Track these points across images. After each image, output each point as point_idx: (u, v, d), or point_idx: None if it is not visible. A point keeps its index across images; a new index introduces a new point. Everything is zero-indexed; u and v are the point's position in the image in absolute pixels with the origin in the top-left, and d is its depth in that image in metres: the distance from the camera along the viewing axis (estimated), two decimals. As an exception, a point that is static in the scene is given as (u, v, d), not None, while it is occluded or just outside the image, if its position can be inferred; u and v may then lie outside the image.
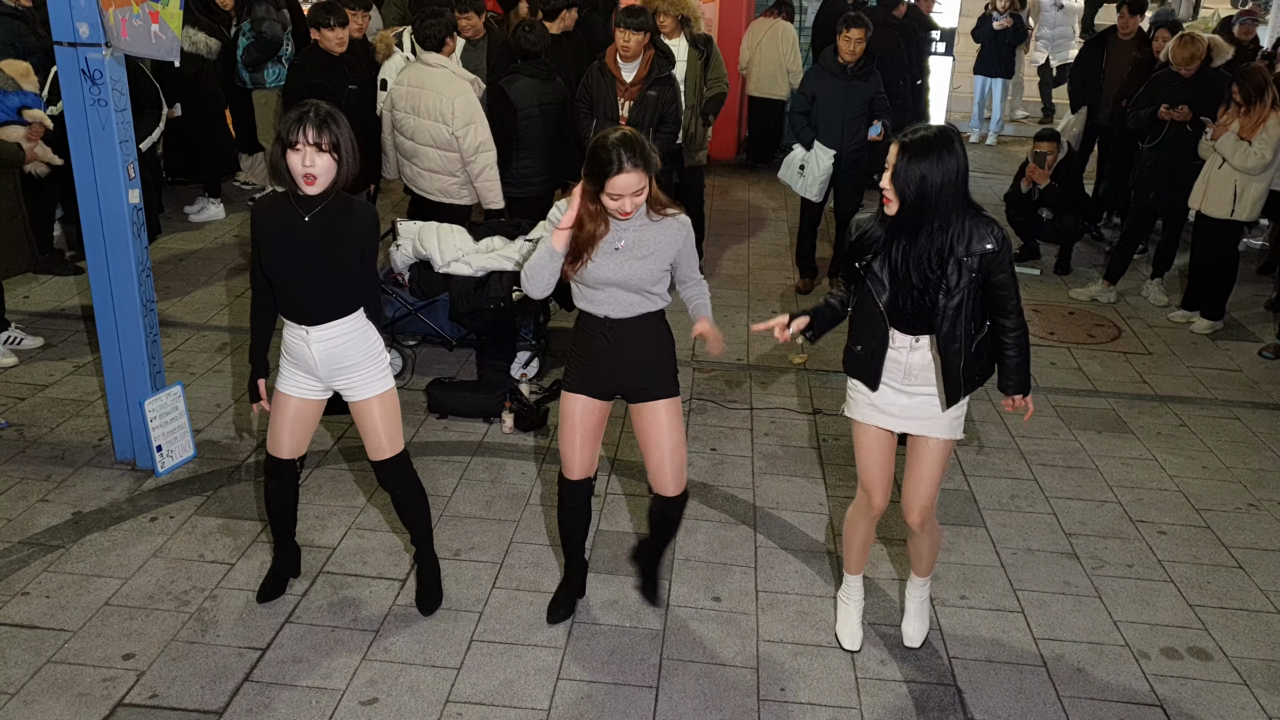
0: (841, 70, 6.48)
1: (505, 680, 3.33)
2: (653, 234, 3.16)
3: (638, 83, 5.86)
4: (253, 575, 3.80)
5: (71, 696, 3.19)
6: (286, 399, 3.40)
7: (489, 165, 5.56)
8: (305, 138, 3.01)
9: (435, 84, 5.45)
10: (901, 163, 2.89)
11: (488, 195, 5.65)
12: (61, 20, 3.89)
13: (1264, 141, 5.94)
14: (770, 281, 7.17)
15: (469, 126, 5.43)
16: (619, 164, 2.97)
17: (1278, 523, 4.43)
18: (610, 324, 3.23)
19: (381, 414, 3.39)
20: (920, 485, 3.29)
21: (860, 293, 3.16)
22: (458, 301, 5.24)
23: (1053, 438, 5.09)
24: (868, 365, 3.18)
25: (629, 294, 3.19)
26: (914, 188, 2.88)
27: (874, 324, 3.12)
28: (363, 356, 3.33)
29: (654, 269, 3.17)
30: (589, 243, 3.12)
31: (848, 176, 6.68)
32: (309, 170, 3.05)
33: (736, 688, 3.34)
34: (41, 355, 5.55)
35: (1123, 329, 6.58)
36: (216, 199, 8.09)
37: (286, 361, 3.38)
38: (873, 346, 3.15)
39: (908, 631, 3.58)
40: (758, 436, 5.00)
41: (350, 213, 3.21)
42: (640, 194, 3.04)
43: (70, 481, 4.36)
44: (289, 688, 3.26)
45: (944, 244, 2.95)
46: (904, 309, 3.07)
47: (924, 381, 3.16)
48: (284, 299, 3.28)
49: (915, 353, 3.14)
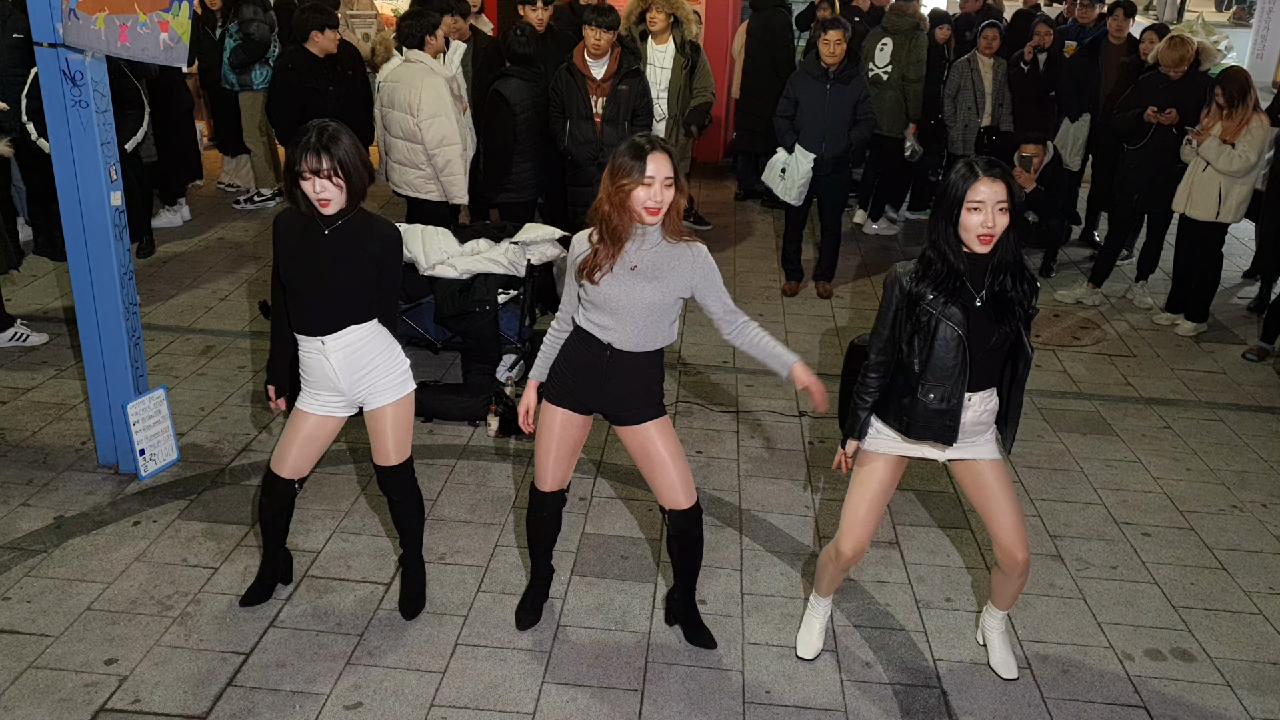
0: (823, 74, 6.49)
1: (490, 684, 3.32)
2: (668, 258, 3.09)
3: (608, 79, 5.92)
4: (236, 579, 3.78)
5: (53, 702, 3.16)
6: (305, 416, 3.38)
7: (452, 160, 5.59)
8: (310, 167, 3.04)
9: (409, 77, 5.54)
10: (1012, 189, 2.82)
11: (451, 189, 5.70)
12: (41, 21, 3.86)
13: (1248, 144, 5.97)
14: (756, 285, 7.18)
15: (433, 119, 5.47)
16: (649, 144, 2.98)
17: (1261, 524, 4.46)
18: (612, 353, 3.16)
19: (394, 420, 3.37)
20: (1013, 518, 3.13)
21: (923, 340, 2.95)
22: (443, 304, 5.23)
23: (1037, 440, 5.11)
24: (945, 414, 2.97)
25: (634, 325, 3.10)
26: (1019, 196, 2.81)
27: (948, 366, 2.93)
28: (383, 359, 3.31)
29: (666, 294, 3.09)
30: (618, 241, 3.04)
31: (830, 180, 6.69)
32: (321, 196, 3.08)
33: (722, 690, 3.34)
34: (24, 358, 5.51)
35: (1107, 331, 6.62)
36: (172, 206, 7.90)
37: (306, 383, 3.37)
38: (948, 391, 2.96)
39: (1001, 662, 3.45)
40: (744, 439, 5.00)
41: (370, 229, 3.21)
42: (669, 186, 2.98)
43: (52, 486, 4.33)
44: (273, 692, 3.24)
45: (1019, 271, 2.91)
46: (982, 351, 2.94)
47: (974, 436, 3.07)
48: (299, 310, 3.28)
49: (968, 412, 3.02)
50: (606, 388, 3.20)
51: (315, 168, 3.03)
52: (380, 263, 3.22)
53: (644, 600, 3.76)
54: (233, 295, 6.58)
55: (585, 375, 3.21)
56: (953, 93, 7.95)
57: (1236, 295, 7.33)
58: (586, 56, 5.90)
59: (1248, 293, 7.35)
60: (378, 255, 3.21)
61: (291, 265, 3.24)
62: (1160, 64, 6.56)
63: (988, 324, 2.93)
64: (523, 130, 5.84)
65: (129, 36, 3.93)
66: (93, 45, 3.86)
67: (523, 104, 5.80)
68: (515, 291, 5.37)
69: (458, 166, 5.63)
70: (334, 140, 3.06)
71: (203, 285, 6.73)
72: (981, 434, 3.10)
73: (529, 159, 5.94)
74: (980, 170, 2.82)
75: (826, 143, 6.56)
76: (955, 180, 2.86)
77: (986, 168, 2.83)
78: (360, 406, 3.40)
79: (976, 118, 7.88)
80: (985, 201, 2.81)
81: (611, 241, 3.04)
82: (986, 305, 2.92)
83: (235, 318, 6.23)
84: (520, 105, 5.79)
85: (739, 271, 7.39)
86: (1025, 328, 2.98)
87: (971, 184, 2.82)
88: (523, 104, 5.80)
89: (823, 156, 6.57)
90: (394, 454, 3.42)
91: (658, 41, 6.97)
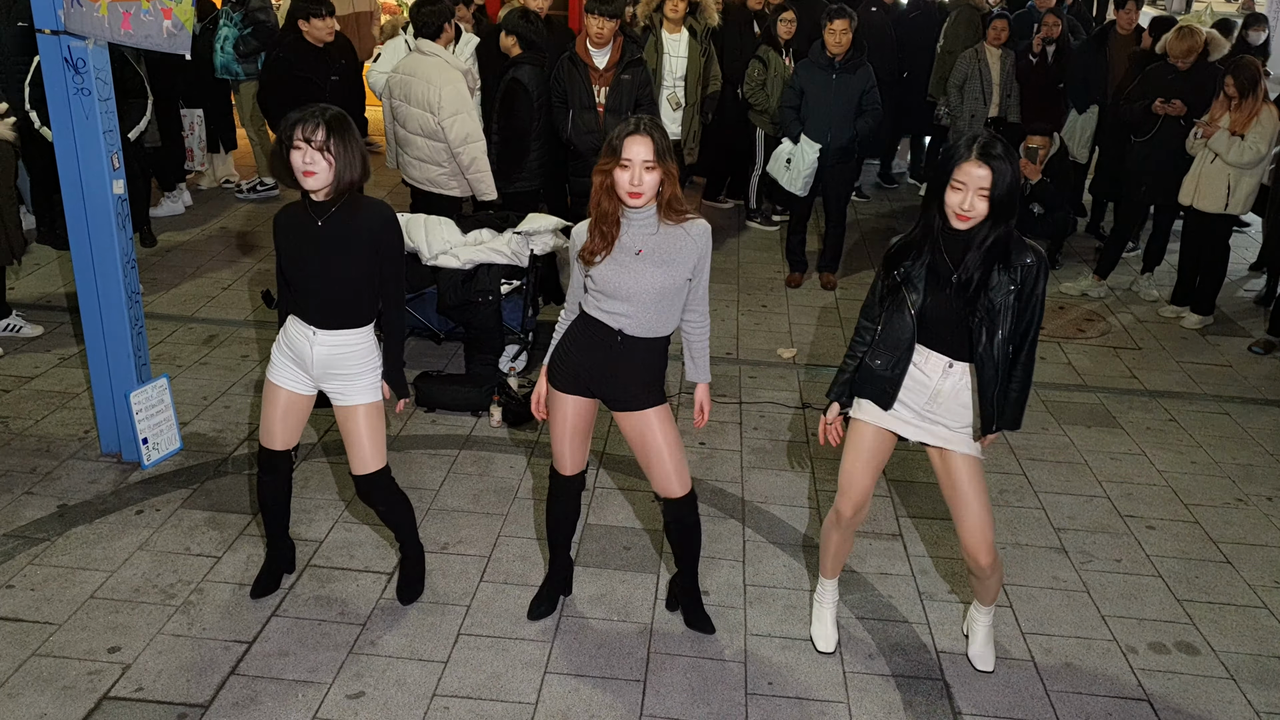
0: (829, 64, 6.46)
1: (492, 674, 3.32)
2: (673, 239, 3.09)
3: (611, 68, 5.86)
4: (239, 568, 3.78)
5: (57, 690, 3.17)
6: (277, 390, 3.39)
7: (478, 156, 5.52)
8: (304, 135, 3.03)
9: (426, 72, 5.42)
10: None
11: (480, 187, 5.63)
12: (43, 7, 3.84)
13: (1258, 135, 5.94)
14: (760, 276, 7.16)
15: (455, 117, 5.40)
16: (634, 126, 2.99)
17: (1265, 517, 4.44)
18: (622, 339, 3.15)
19: (368, 424, 3.35)
20: (979, 518, 3.12)
21: (891, 306, 3.05)
22: (445, 294, 5.22)
23: (1042, 432, 5.09)
24: (886, 380, 3.07)
25: (646, 311, 3.11)
26: (1005, 186, 2.80)
27: (900, 336, 3.01)
28: (362, 369, 3.31)
29: (676, 277, 3.10)
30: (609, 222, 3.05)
31: (835, 170, 6.67)
32: (308, 167, 3.05)
33: (724, 681, 3.33)
34: (27, 347, 5.51)
35: (1113, 324, 6.59)
36: (171, 192, 7.88)
37: (280, 351, 3.36)
38: (894, 360, 3.04)
39: (979, 654, 3.45)
40: (747, 431, 4.99)
41: (363, 211, 3.19)
42: (650, 170, 2.98)
43: (55, 474, 4.34)
44: (275, 681, 3.24)
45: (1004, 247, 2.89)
46: (938, 320, 2.97)
47: (948, 412, 3.06)
48: (297, 301, 3.29)
49: (948, 379, 3.04)
50: (613, 373, 3.20)
51: (308, 136, 3.02)
52: (378, 246, 3.20)
53: (646, 591, 3.76)
54: (235, 284, 6.57)
55: (592, 361, 3.21)
56: (959, 83, 7.92)
57: (1243, 288, 7.30)
58: (589, 45, 5.86)
59: (1254, 286, 7.32)
60: (373, 238, 3.19)
61: (290, 261, 3.24)
62: (1168, 55, 6.52)
63: (953, 299, 2.94)
64: (539, 117, 5.81)
65: (132, 23, 3.91)
66: (95, 32, 3.84)
67: (539, 90, 5.78)
68: (518, 282, 5.36)
69: (484, 164, 5.56)
70: (338, 120, 3.06)
71: (205, 274, 6.72)
72: (960, 416, 3.07)
73: (540, 147, 5.92)
74: (974, 151, 2.82)
75: (832, 133, 6.53)
76: (950, 154, 2.88)
77: (981, 150, 2.82)
78: (324, 394, 3.39)
79: (984, 108, 7.85)
80: (967, 184, 2.82)
81: (601, 222, 3.06)
82: (961, 282, 2.93)
83: (238, 307, 6.22)
84: (537, 92, 5.76)
85: (743, 263, 7.37)
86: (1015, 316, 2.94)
87: (960, 163, 2.83)
88: (539, 90, 5.78)
89: (828, 147, 6.55)
90: (371, 457, 3.37)
91: (671, 30, 6.91)
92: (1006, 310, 2.91)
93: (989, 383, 2.98)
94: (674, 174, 3.04)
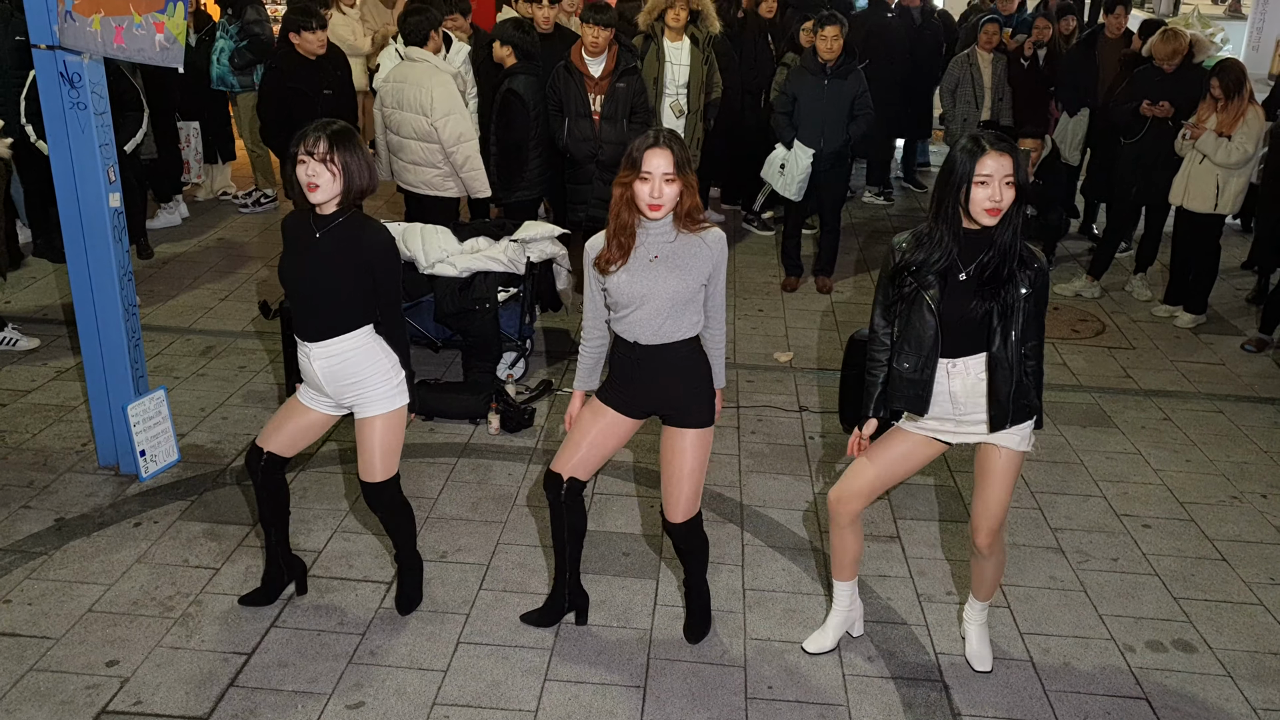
0: (821, 69, 6.49)
1: (492, 682, 3.33)
2: (689, 247, 3.12)
3: (606, 76, 5.90)
4: (238, 580, 3.78)
5: (55, 704, 3.16)
6: (303, 405, 3.42)
7: (471, 155, 5.59)
8: (308, 148, 3.08)
9: (416, 77, 5.49)
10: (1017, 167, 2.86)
11: (474, 185, 5.70)
12: (38, 23, 3.86)
13: (1245, 135, 5.97)
14: (756, 280, 7.17)
15: (448, 117, 5.46)
16: (654, 138, 3.02)
17: (1261, 515, 4.46)
18: (639, 350, 3.17)
19: (382, 433, 3.34)
20: (989, 505, 3.18)
21: (908, 307, 3.05)
22: (443, 303, 5.23)
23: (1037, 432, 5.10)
24: (917, 384, 3.05)
25: (659, 317, 3.12)
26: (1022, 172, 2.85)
27: (923, 334, 3.02)
28: (370, 372, 3.29)
29: (690, 283, 3.12)
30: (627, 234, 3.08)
31: (828, 176, 6.69)
32: (312, 180, 3.09)
33: (724, 686, 3.34)
34: (23, 360, 5.51)
35: (1106, 324, 6.62)
36: (168, 204, 7.88)
37: (302, 375, 3.40)
38: (921, 361, 3.04)
39: (976, 654, 3.46)
40: (744, 434, 5.00)
41: (362, 232, 3.21)
42: (671, 183, 3.00)
43: (53, 488, 4.34)
44: (275, 692, 3.25)
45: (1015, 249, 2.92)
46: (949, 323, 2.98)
47: (974, 408, 3.08)
48: (294, 312, 3.33)
49: (954, 380, 3.06)
50: (645, 386, 3.22)
51: (311, 149, 3.07)
52: (373, 269, 3.22)
53: (646, 597, 3.77)
54: (233, 296, 6.58)
55: (625, 379, 3.24)
56: (951, 87, 7.95)
57: (1234, 287, 7.32)
58: (584, 54, 5.89)
59: (1245, 284, 7.35)
60: (369, 261, 3.21)
61: (286, 265, 3.27)
62: (1154, 57, 6.56)
63: (968, 296, 2.97)
64: (535, 127, 5.84)
65: (124, 38, 3.93)
66: (89, 47, 3.86)
67: (535, 100, 5.81)
68: (515, 289, 5.38)
69: (477, 161, 5.64)
70: (341, 132, 3.11)
71: (203, 286, 6.73)
72: (982, 409, 3.09)
73: (539, 155, 5.95)
74: (987, 144, 2.87)
75: (825, 138, 6.56)
76: (962, 157, 2.90)
77: (994, 141, 2.88)
78: (351, 410, 3.39)
79: (975, 112, 7.88)
80: (993, 175, 2.86)
81: (620, 234, 3.08)
82: (971, 279, 2.97)
83: (235, 318, 6.23)
84: (533, 102, 5.79)
85: (739, 267, 7.38)
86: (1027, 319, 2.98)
87: (979, 158, 2.87)
88: (535, 100, 5.81)
89: (821, 152, 6.57)
90: (379, 469, 3.37)
91: (673, 39, 6.91)
92: (1019, 311, 2.96)
93: (1003, 383, 3.01)
94: (694, 185, 3.08)
